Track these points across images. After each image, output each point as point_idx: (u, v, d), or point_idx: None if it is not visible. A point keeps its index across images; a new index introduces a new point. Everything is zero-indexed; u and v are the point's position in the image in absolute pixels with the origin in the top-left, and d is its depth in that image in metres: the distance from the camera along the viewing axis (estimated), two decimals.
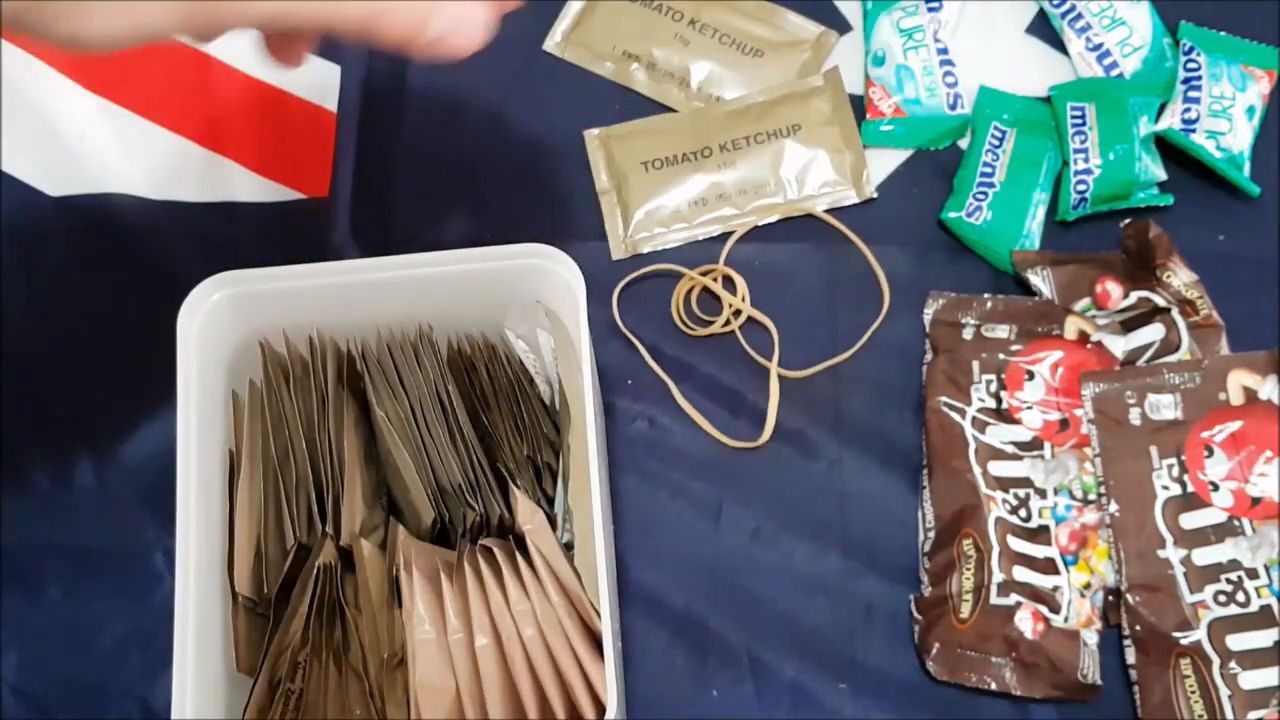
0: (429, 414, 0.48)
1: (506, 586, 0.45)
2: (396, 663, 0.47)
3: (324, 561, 0.47)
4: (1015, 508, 0.54)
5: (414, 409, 0.49)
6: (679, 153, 0.63)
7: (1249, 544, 0.52)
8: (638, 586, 0.55)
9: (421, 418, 0.48)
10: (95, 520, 0.56)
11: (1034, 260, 0.59)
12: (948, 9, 0.65)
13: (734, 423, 0.58)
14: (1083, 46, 0.64)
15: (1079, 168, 0.60)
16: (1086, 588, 0.53)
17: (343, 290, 0.49)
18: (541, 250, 0.47)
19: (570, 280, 0.47)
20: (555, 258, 0.47)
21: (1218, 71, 0.61)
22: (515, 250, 0.47)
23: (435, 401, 0.49)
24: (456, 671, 0.45)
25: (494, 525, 0.49)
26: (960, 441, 0.56)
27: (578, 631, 0.45)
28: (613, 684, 0.41)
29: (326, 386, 0.49)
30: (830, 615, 0.54)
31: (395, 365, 0.49)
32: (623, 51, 0.66)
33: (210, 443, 0.47)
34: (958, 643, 0.52)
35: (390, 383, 0.49)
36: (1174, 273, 0.58)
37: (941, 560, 0.54)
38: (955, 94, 0.64)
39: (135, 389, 0.58)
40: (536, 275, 0.48)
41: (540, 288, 0.49)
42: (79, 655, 0.54)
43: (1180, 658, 0.51)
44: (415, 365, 0.49)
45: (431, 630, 0.45)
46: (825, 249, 0.61)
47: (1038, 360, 0.57)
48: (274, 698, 0.46)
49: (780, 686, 0.53)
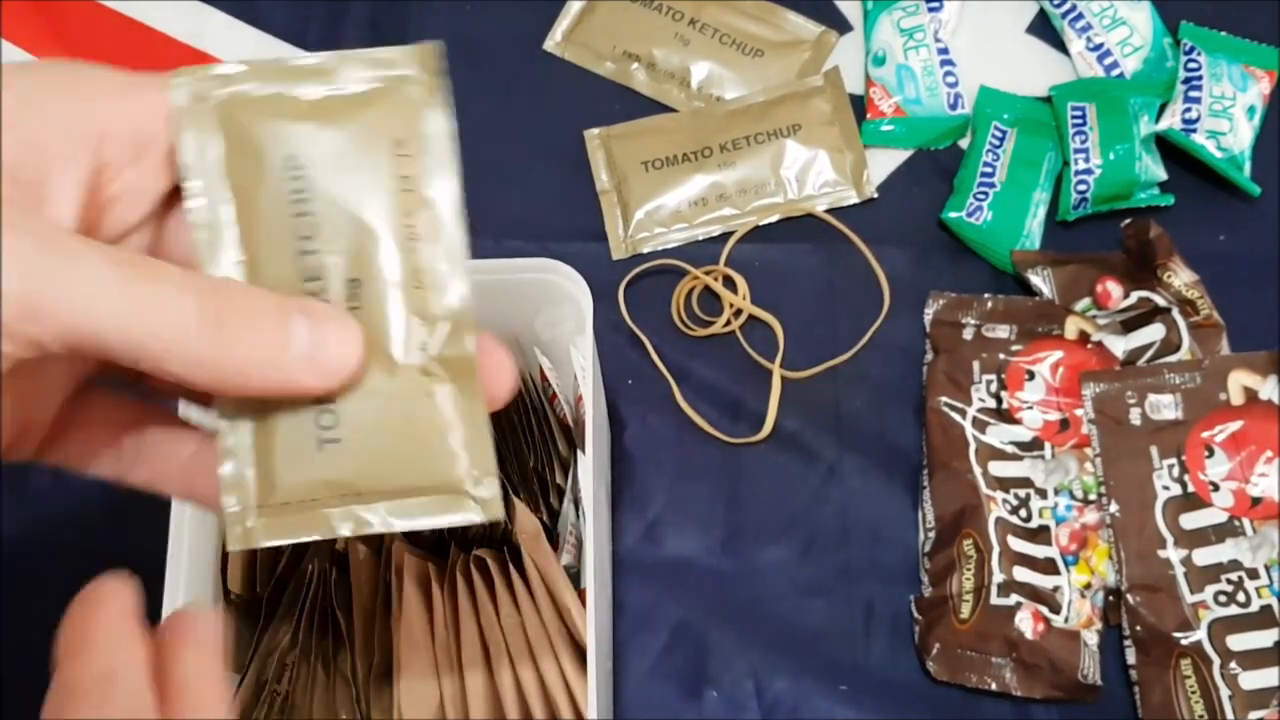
0: None
1: (498, 598, 0.45)
2: (385, 669, 0.47)
3: (318, 564, 0.47)
4: (1016, 508, 0.54)
5: None
6: (679, 153, 0.63)
7: (1249, 544, 0.52)
8: (637, 587, 0.55)
9: None
10: (95, 520, 0.56)
11: (1034, 260, 0.59)
12: (948, 9, 0.65)
13: (734, 423, 0.58)
14: (1083, 46, 0.64)
15: (1079, 168, 0.60)
16: (1087, 588, 0.53)
17: None
18: (547, 265, 0.47)
19: (577, 295, 0.46)
20: (562, 273, 0.47)
21: (1218, 71, 0.61)
22: (524, 264, 0.47)
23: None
24: (442, 681, 0.45)
25: (495, 536, 0.48)
26: (960, 441, 0.56)
27: (566, 646, 0.45)
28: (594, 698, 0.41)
29: None
30: (830, 616, 0.54)
31: None
32: (623, 51, 0.66)
33: None
34: (958, 643, 0.52)
35: None
36: (1174, 273, 0.58)
37: (942, 560, 0.54)
38: (956, 94, 0.64)
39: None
40: (544, 289, 0.48)
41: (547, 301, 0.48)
42: None
43: (1181, 658, 0.51)
44: None
45: (420, 638, 0.45)
46: (825, 249, 0.61)
47: (1038, 360, 0.57)
48: (260, 698, 0.46)
49: (780, 688, 0.53)
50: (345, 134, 0.26)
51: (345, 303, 0.26)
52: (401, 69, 0.26)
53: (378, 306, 0.26)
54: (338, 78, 0.26)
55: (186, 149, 0.25)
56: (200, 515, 0.46)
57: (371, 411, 0.26)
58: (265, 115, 0.26)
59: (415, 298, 0.26)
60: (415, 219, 0.26)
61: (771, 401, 0.58)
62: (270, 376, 0.24)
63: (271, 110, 0.26)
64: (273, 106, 0.26)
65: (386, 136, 0.26)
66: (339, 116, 0.26)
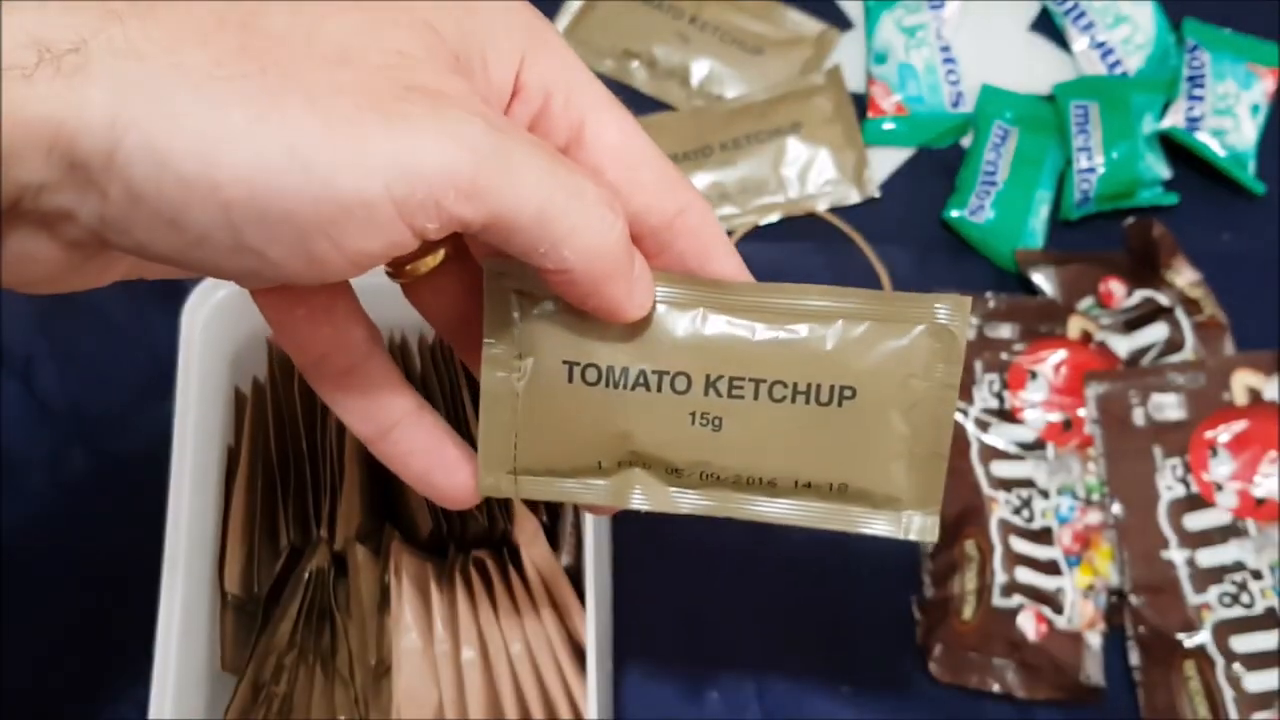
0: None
1: (496, 599, 0.45)
2: (384, 671, 0.47)
3: (316, 565, 0.47)
4: (1018, 508, 0.54)
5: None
6: (679, 151, 0.63)
7: (1253, 545, 0.52)
8: (636, 587, 0.55)
9: None
10: (94, 518, 0.56)
11: (1037, 259, 0.59)
12: (950, 7, 0.65)
13: None
14: (1086, 44, 0.64)
15: (1082, 166, 0.60)
16: (1089, 589, 0.53)
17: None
18: None
19: None
20: None
21: (1222, 69, 0.61)
22: None
23: (449, 409, 0.48)
24: (441, 683, 0.45)
25: (496, 538, 0.48)
26: (963, 442, 0.55)
27: (566, 647, 0.45)
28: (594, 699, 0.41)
29: None
30: (832, 616, 0.54)
31: (408, 370, 0.49)
32: (622, 49, 0.66)
33: (208, 437, 0.47)
34: (960, 644, 0.52)
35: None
36: (1178, 272, 0.57)
37: (944, 561, 0.54)
38: (958, 92, 0.63)
39: (135, 388, 0.58)
40: None
41: None
42: (77, 656, 0.54)
43: (1184, 660, 0.51)
44: (431, 369, 0.49)
45: (418, 640, 0.45)
46: (827, 248, 0.61)
47: (1041, 360, 0.57)
48: (258, 699, 0.46)
49: (782, 688, 0.53)
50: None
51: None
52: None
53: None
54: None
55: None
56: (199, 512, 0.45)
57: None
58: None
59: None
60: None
61: None
62: (620, 287, 0.25)
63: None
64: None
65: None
66: None
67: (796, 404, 0.28)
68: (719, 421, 0.28)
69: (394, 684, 0.44)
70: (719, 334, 0.28)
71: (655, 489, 0.29)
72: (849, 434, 0.28)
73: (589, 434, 0.28)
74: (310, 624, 0.47)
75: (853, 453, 0.28)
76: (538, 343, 0.27)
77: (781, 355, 0.28)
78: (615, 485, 0.29)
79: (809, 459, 0.28)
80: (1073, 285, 0.58)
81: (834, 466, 0.28)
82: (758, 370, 0.28)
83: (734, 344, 0.28)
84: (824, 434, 0.28)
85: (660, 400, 0.28)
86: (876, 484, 0.28)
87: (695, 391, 0.28)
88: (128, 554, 0.55)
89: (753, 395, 0.28)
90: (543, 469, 0.29)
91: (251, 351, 0.49)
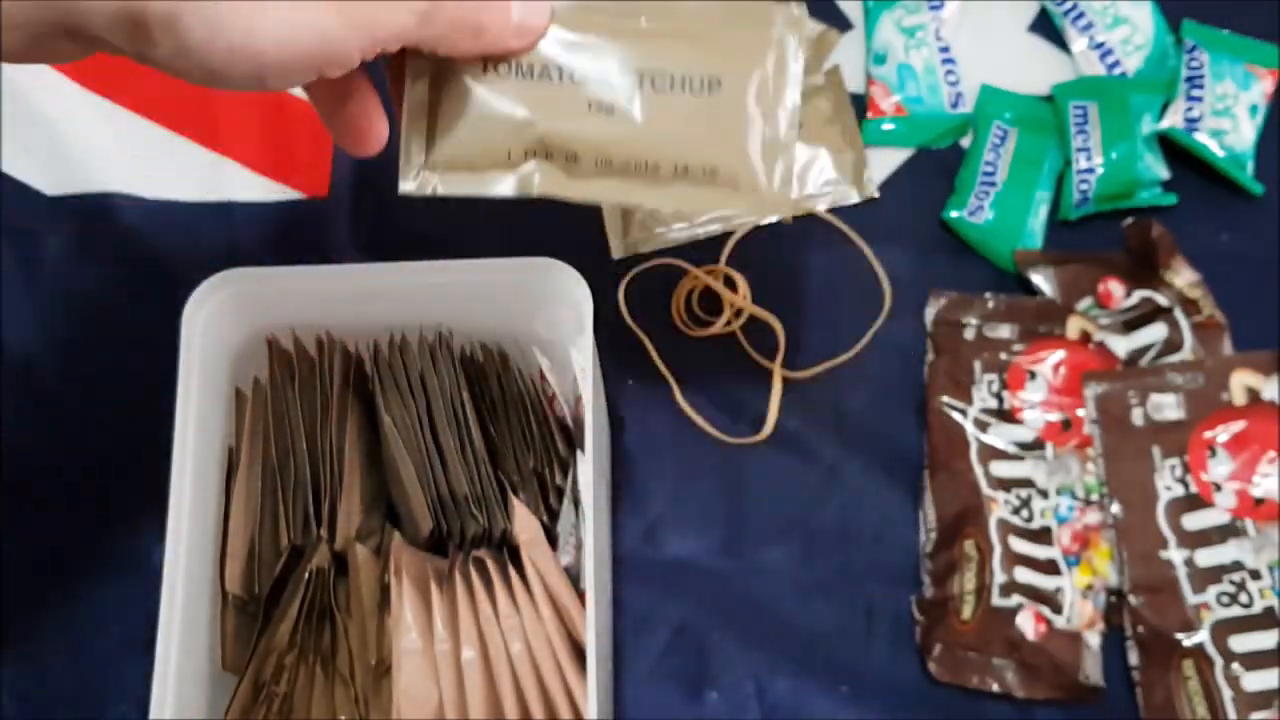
0: (440, 421, 0.48)
1: (496, 599, 0.45)
2: (384, 670, 0.47)
3: (317, 565, 0.47)
4: (1017, 508, 0.54)
5: (426, 415, 0.48)
6: None
7: (1252, 545, 0.52)
8: (637, 587, 0.55)
9: (430, 425, 0.48)
10: (94, 520, 0.56)
11: (1036, 259, 0.59)
12: (949, 7, 0.65)
13: (735, 423, 0.58)
14: (1085, 45, 0.64)
15: (1081, 166, 0.60)
16: (1089, 589, 0.53)
17: (351, 293, 0.48)
18: (548, 265, 0.47)
19: (578, 295, 0.46)
20: (563, 273, 0.47)
21: (1221, 70, 0.61)
22: (524, 264, 0.47)
23: (449, 409, 0.48)
24: (441, 682, 0.45)
25: (496, 538, 0.48)
26: (962, 442, 0.55)
27: (566, 647, 0.45)
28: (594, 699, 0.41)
29: (332, 387, 0.49)
30: (831, 616, 0.54)
31: (407, 370, 0.49)
32: None
33: (209, 437, 0.47)
34: (959, 644, 0.52)
35: (400, 388, 0.48)
36: (1177, 272, 0.57)
37: (943, 561, 0.54)
38: (957, 92, 0.63)
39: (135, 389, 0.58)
40: (544, 289, 0.47)
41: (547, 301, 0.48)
42: (77, 656, 0.54)
43: (1183, 659, 0.51)
44: (432, 370, 0.49)
45: (418, 639, 0.45)
46: (826, 248, 0.61)
47: (1040, 360, 0.57)
48: (258, 699, 0.46)
49: (781, 689, 0.53)
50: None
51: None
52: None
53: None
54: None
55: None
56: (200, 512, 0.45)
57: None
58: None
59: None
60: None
61: (772, 401, 0.57)
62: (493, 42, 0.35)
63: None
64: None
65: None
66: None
67: (674, 92, 0.34)
68: (612, 109, 0.34)
69: (394, 684, 0.44)
70: (610, 31, 0.34)
71: (554, 175, 0.36)
72: (719, 121, 0.34)
73: (499, 124, 0.35)
74: (311, 624, 0.47)
75: (721, 138, 0.34)
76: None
77: (662, 50, 0.34)
78: (521, 176, 0.36)
79: (686, 145, 0.35)
80: (1072, 285, 0.58)
81: (706, 150, 0.35)
82: (641, 63, 0.34)
83: (622, 41, 0.34)
84: (698, 122, 0.34)
85: (561, 90, 0.34)
86: (741, 168, 0.35)
87: (592, 83, 0.34)
88: (126, 554, 0.56)
89: (638, 85, 0.34)
90: (463, 164, 0.35)
91: (251, 351, 0.49)
